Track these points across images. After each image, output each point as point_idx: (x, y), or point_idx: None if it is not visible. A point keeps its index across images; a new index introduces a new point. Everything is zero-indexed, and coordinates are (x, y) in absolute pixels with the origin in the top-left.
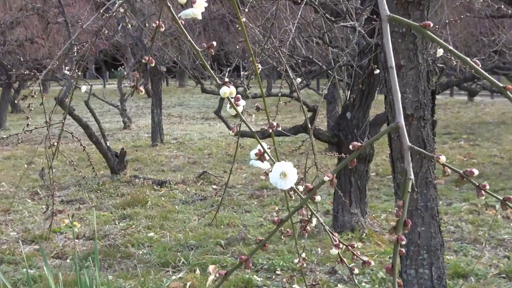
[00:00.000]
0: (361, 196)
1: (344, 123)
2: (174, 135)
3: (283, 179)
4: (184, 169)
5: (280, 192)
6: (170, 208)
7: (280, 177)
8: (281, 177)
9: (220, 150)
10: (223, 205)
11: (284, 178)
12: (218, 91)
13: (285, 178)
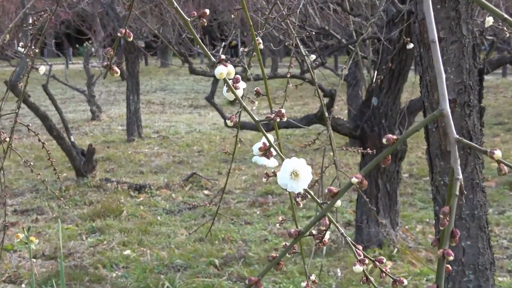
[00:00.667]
0: (391, 203)
1: (369, 111)
2: (155, 128)
3: (295, 180)
4: (168, 171)
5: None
6: (150, 220)
7: (291, 177)
8: (292, 177)
9: (214, 146)
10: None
11: (295, 178)
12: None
13: (297, 178)
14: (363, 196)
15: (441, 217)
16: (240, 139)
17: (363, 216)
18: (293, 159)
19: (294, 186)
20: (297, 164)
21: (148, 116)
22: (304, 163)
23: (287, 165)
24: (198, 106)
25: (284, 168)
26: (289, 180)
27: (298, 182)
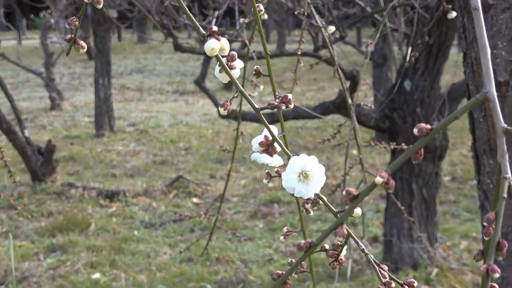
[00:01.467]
0: (428, 213)
1: (401, 97)
2: (131, 120)
3: (304, 182)
4: (148, 173)
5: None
6: (125, 235)
7: (299, 179)
8: (300, 179)
9: (205, 143)
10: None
11: (305, 180)
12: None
13: (307, 180)
14: (393, 204)
15: (485, 225)
16: (241, 133)
17: (393, 229)
18: (301, 156)
19: (303, 190)
20: (307, 163)
21: (122, 104)
22: (316, 161)
23: (294, 164)
24: (184, 92)
25: (291, 168)
26: (297, 183)
27: (308, 185)
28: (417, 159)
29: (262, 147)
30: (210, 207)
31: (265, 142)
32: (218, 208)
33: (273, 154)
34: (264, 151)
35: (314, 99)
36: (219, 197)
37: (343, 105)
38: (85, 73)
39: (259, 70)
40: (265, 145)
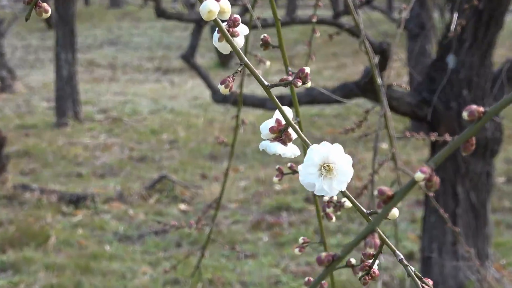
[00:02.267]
0: (477, 223)
1: (443, 77)
2: (102, 105)
3: (326, 177)
4: (123, 173)
5: (314, 213)
6: (94, 250)
7: (321, 173)
8: (322, 173)
9: (195, 134)
10: (208, 243)
11: (328, 174)
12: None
13: (330, 174)
14: (434, 211)
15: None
16: (242, 121)
17: (432, 243)
18: (323, 144)
19: (325, 187)
20: (330, 153)
21: (89, 86)
22: (341, 150)
23: (314, 154)
24: (169, 69)
25: (310, 159)
26: (317, 178)
27: (331, 181)
28: (468, 150)
29: (274, 133)
30: (202, 215)
31: (277, 127)
32: (212, 216)
33: (288, 142)
34: (276, 139)
35: (334, 78)
36: (213, 202)
37: (371, 86)
38: (43, 46)
39: (267, 39)
40: (277, 131)
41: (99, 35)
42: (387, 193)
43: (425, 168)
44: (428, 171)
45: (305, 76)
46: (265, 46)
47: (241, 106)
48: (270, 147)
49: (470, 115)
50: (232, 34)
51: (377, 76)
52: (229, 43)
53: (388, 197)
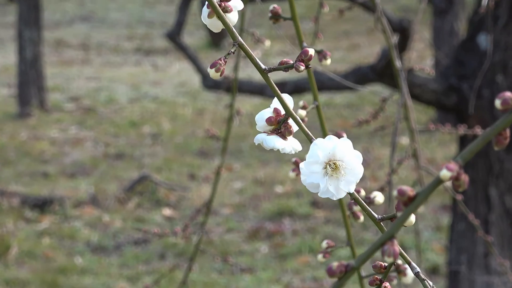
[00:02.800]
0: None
1: (473, 60)
2: (72, 92)
3: (333, 176)
4: (97, 172)
5: (321, 220)
6: (63, 263)
7: (326, 172)
8: (327, 172)
9: (182, 126)
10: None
11: (334, 173)
12: None
13: (337, 173)
14: (463, 217)
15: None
16: (237, 111)
17: (461, 255)
18: (328, 138)
19: (331, 187)
20: (337, 148)
21: (58, 70)
22: (349, 146)
23: (318, 149)
24: (152, 50)
25: (314, 156)
26: (322, 178)
27: (338, 181)
28: (501, 144)
29: (271, 125)
30: (190, 222)
31: (275, 118)
32: (202, 223)
33: (288, 136)
34: (274, 132)
35: (345, 61)
36: (203, 206)
37: (388, 70)
38: (3, 22)
39: (277, 11)
40: (275, 123)
41: (69, 10)
42: (408, 194)
43: (452, 165)
44: (456, 168)
45: (309, 58)
46: (275, 18)
47: (235, 94)
48: (267, 141)
49: (504, 103)
50: (224, 9)
51: (396, 59)
52: (221, 19)
53: (410, 198)
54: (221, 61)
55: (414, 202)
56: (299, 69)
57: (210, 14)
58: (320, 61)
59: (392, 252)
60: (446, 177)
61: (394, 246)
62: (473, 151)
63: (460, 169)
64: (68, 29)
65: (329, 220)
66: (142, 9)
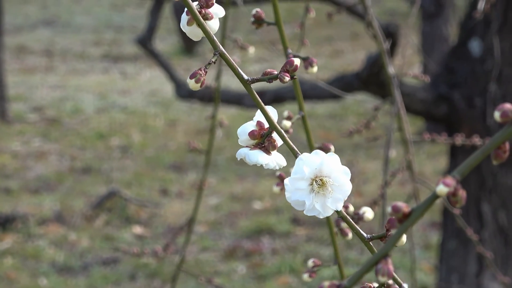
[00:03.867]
0: (508, 248)
1: (465, 67)
2: (35, 102)
3: (319, 193)
4: (63, 187)
5: (303, 238)
6: (27, 284)
7: (312, 189)
8: (313, 189)
9: (152, 138)
10: (167, 274)
11: (321, 190)
12: None
13: (324, 190)
14: (453, 236)
15: None
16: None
17: (451, 275)
18: (315, 153)
19: (317, 205)
20: (324, 163)
21: (20, 78)
22: (337, 161)
23: (304, 165)
24: (120, 57)
25: (299, 172)
26: (307, 195)
27: (325, 198)
28: (500, 158)
29: (254, 139)
30: (172, 240)
31: (259, 132)
32: (184, 241)
33: (271, 151)
34: (257, 146)
35: (328, 68)
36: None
37: (375, 78)
38: None
39: (260, 15)
40: (258, 136)
41: (31, 13)
42: (403, 210)
43: (448, 180)
44: (453, 184)
45: (294, 69)
46: (258, 23)
47: (218, 103)
48: (250, 156)
49: (504, 115)
50: (204, 16)
51: (389, 65)
52: (201, 27)
53: (404, 215)
54: (201, 71)
55: (409, 219)
56: (284, 80)
57: (190, 22)
58: (306, 68)
59: (386, 271)
60: (443, 193)
61: (388, 265)
62: (471, 165)
63: (457, 184)
64: (31, 34)
65: (311, 238)
66: (110, 12)
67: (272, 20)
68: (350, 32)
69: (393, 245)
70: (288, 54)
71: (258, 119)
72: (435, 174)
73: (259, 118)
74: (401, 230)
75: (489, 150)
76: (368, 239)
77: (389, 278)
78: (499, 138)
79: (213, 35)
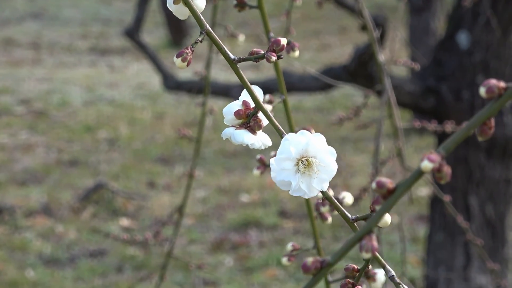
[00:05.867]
0: (494, 241)
1: (452, 60)
2: (22, 94)
3: (305, 174)
4: (49, 179)
5: (290, 230)
6: (14, 277)
7: (298, 169)
8: (299, 169)
9: (140, 131)
10: (154, 267)
11: (307, 170)
12: None
13: (309, 170)
14: (441, 229)
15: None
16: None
17: (439, 267)
18: (301, 133)
19: (303, 185)
20: (311, 144)
21: (7, 70)
22: (323, 141)
23: (290, 145)
24: (108, 50)
25: (285, 152)
26: (293, 175)
27: (310, 178)
28: (486, 134)
29: (240, 119)
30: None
31: (244, 111)
32: (174, 229)
33: (257, 130)
34: (243, 126)
35: (315, 62)
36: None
37: (363, 70)
38: None
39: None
40: (244, 116)
41: (18, 6)
42: (387, 186)
43: (433, 156)
44: (438, 159)
45: (281, 49)
46: (240, 6)
47: (208, 92)
48: (236, 135)
49: (489, 91)
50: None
51: (378, 53)
52: (187, 5)
53: (389, 191)
54: (187, 50)
55: (393, 195)
56: (270, 59)
57: (176, 0)
58: (288, 53)
59: (370, 247)
60: (428, 169)
61: (372, 241)
62: (456, 141)
63: (442, 160)
64: (18, 27)
65: (298, 231)
66: (97, 5)
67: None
68: (338, 26)
69: (377, 221)
70: (270, 38)
71: (244, 99)
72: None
73: (244, 97)
74: (385, 206)
75: (475, 126)
76: (353, 220)
77: (373, 254)
78: (485, 114)
79: (199, 13)
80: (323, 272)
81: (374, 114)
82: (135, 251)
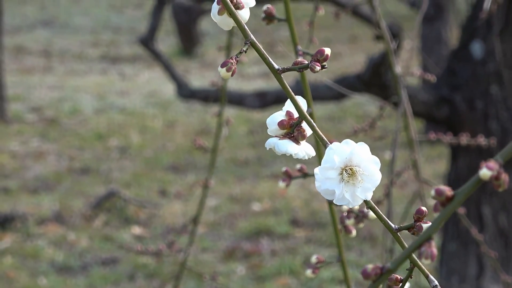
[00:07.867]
0: (508, 252)
1: (466, 69)
2: (34, 102)
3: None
4: (61, 187)
5: (302, 239)
6: (26, 284)
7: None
8: (343, 178)
9: (151, 139)
10: (167, 275)
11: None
12: None
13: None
14: (454, 238)
15: None
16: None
17: (451, 277)
18: (345, 142)
19: (347, 194)
20: (355, 153)
21: (18, 78)
22: (367, 150)
23: (334, 154)
24: (119, 58)
25: (329, 161)
26: (337, 184)
27: (354, 187)
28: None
29: (284, 129)
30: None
31: (288, 122)
32: (189, 239)
33: (301, 140)
34: (286, 136)
35: (326, 71)
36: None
37: (377, 80)
38: None
39: (271, 11)
40: (288, 126)
41: (29, 14)
42: (446, 193)
43: (491, 164)
44: (496, 167)
45: (325, 58)
46: (268, 19)
47: (225, 101)
48: (280, 145)
49: None
50: (235, 5)
51: (393, 62)
52: (232, 16)
53: (447, 198)
54: (232, 60)
55: (452, 202)
56: (314, 69)
57: (221, 11)
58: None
59: (430, 254)
60: (486, 176)
61: (431, 247)
62: None
63: (500, 168)
64: (29, 34)
65: (310, 240)
66: (108, 13)
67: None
68: (349, 35)
69: (437, 228)
70: (298, 51)
71: (288, 109)
72: (435, 177)
73: (288, 108)
74: (444, 213)
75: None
76: (396, 230)
77: (433, 260)
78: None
79: (244, 24)
80: (383, 278)
81: (386, 124)
82: (147, 259)
